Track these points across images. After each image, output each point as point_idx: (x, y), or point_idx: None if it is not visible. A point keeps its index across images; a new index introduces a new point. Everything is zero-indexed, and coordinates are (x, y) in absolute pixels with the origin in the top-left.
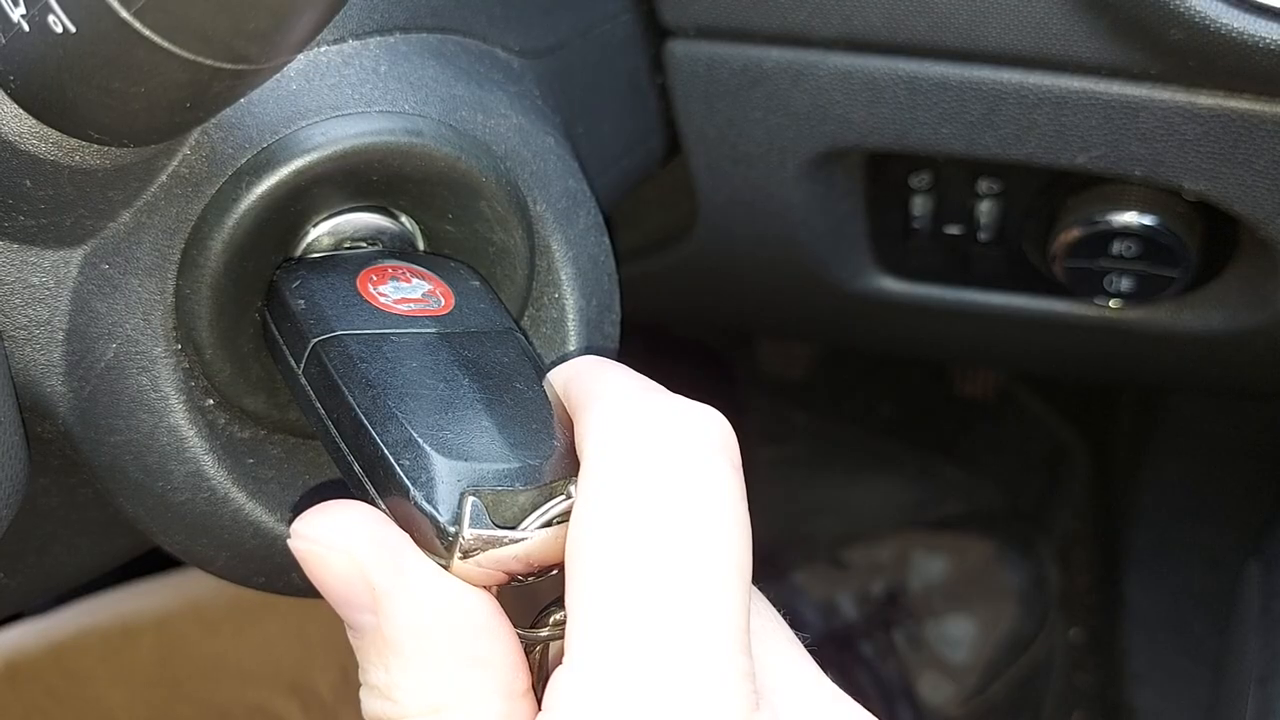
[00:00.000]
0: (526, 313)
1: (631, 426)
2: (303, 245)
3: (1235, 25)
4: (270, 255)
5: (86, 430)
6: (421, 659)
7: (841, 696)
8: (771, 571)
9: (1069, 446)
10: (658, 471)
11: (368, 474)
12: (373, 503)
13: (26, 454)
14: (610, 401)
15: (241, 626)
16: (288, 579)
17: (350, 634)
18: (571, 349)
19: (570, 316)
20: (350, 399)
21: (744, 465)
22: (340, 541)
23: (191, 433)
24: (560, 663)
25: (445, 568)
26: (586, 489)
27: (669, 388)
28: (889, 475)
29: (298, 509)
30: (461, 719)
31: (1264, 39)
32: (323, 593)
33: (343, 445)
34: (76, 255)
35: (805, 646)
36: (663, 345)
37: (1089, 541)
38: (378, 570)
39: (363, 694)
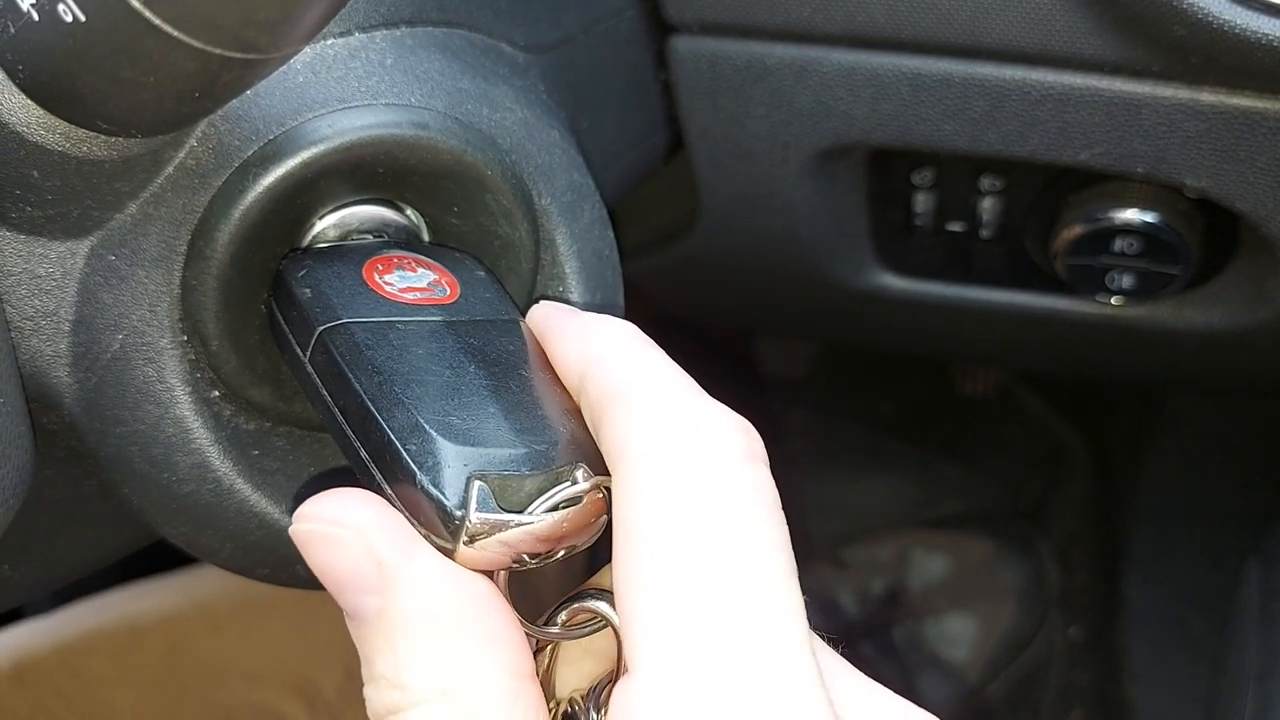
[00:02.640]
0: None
1: (671, 434)
2: (308, 238)
3: (1237, 22)
4: (276, 247)
5: (92, 421)
6: (430, 633)
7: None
8: None
9: (1069, 446)
10: (707, 481)
11: (374, 460)
12: (379, 489)
13: (32, 445)
14: (647, 404)
15: (247, 627)
16: (292, 570)
17: (352, 625)
18: None
19: None
20: (357, 386)
21: None
22: (350, 519)
23: (197, 424)
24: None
25: (451, 552)
26: (631, 497)
27: None
28: (889, 474)
29: (299, 497)
30: (469, 701)
31: (1266, 36)
32: (326, 578)
33: (349, 432)
34: (83, 246)
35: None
36: (663, 341)
37: (1088, 540)
38: (388, 545)
39: (367, 691)
